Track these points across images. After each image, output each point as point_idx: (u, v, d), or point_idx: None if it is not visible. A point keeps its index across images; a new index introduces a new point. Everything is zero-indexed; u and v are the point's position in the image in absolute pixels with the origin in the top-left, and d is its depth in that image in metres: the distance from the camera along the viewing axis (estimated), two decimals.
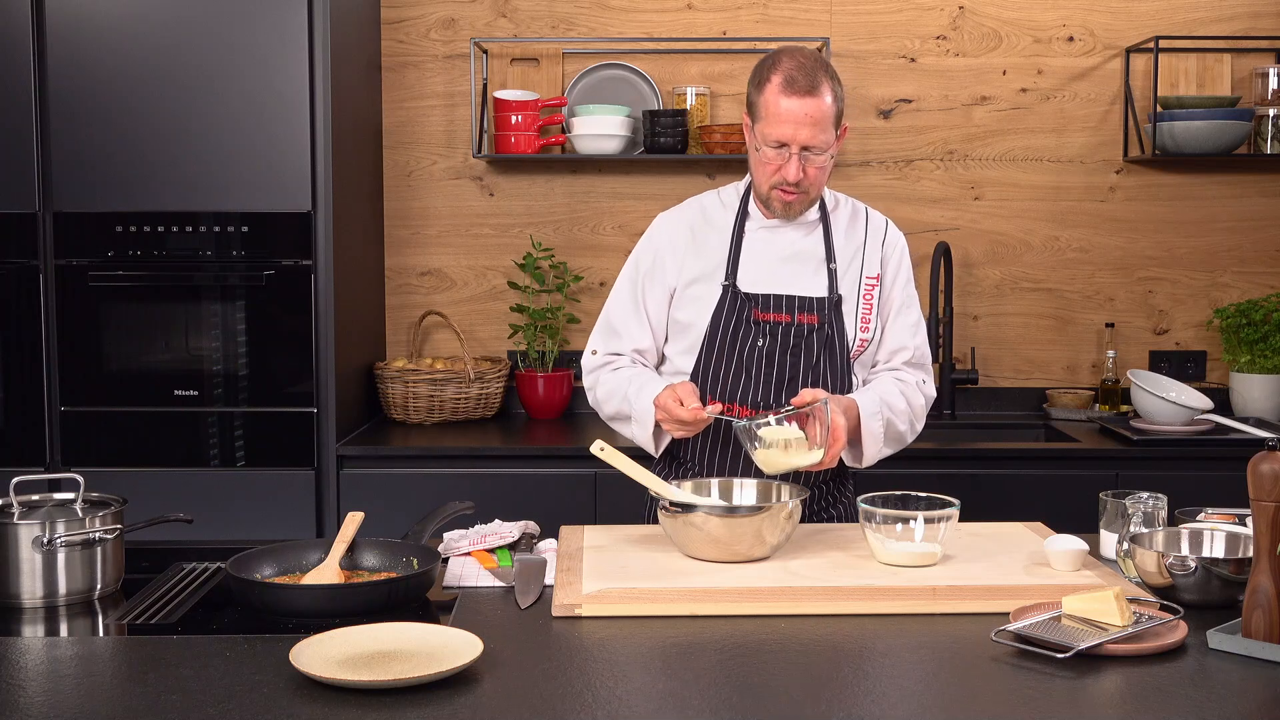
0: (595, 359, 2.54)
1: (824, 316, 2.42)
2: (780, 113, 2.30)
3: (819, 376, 2.42)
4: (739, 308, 2.42)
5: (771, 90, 2.31)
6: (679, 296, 2.47)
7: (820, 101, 2.29)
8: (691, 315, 2.45)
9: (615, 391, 2.46)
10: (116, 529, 1.99)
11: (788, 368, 2.41)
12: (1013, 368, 4.01)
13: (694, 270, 2.46)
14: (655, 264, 2.49)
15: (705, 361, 2.44)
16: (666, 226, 2.53)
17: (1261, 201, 3.97)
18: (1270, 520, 1.70)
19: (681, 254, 2.47)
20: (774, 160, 2.34)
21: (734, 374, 2.42)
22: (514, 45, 3.94)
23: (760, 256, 2.46)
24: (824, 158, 2.35)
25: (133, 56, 3.32)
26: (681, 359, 2.49)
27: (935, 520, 2.04)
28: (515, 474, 3.38)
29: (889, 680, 1.64)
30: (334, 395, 3.40)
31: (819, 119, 2.30)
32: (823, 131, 2.31)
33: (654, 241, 2.52)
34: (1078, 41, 3.93)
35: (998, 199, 3.98)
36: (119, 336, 3.39)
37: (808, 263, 2.46)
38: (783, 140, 2.31)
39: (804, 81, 2.29)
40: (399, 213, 3.99)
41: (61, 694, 1.58)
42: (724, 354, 2.42)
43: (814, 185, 2.37)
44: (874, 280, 2.48)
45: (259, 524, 3.33)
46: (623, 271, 2.55)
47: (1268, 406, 3.74)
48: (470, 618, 1.86)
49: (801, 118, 2.29)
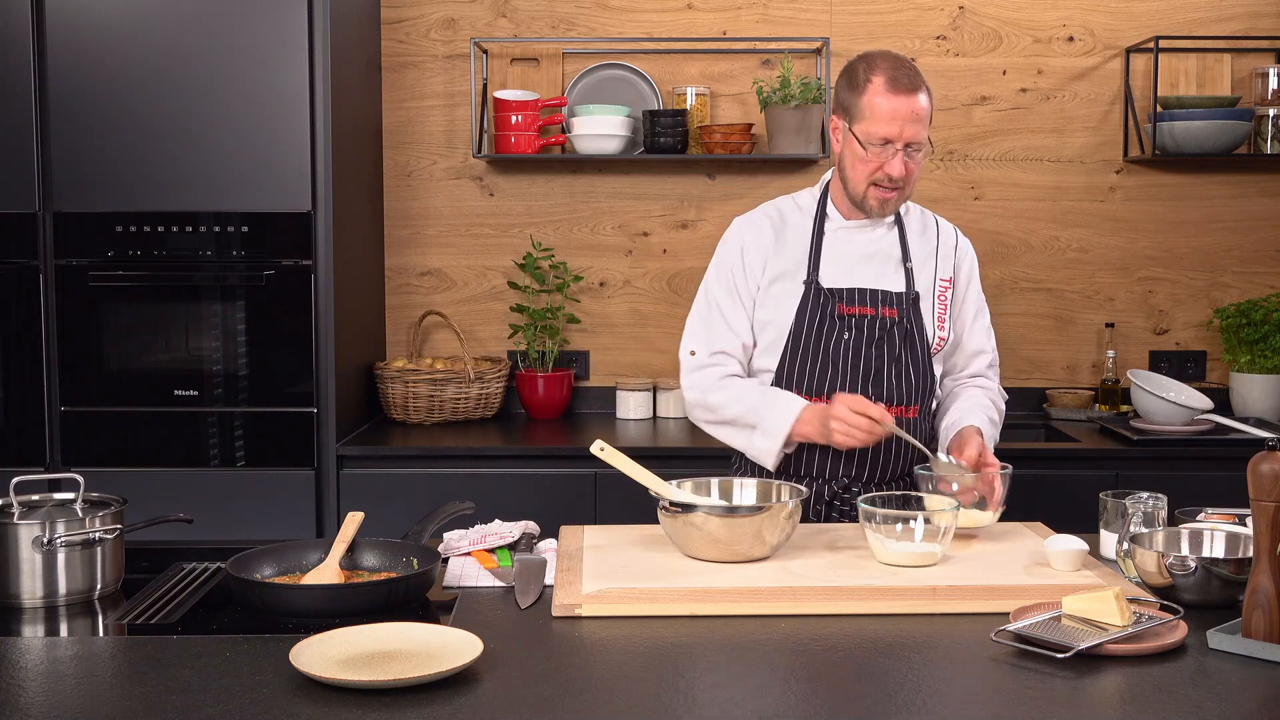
0: (696, 359, 2.55)
1: (903, 311, 2.49)
2: (886, 111, 2.38)
3: (902, 369, 2.48)
4: (822, 303, 2.48)
5: (875, 90, 2.39)
6: (762, 295, 2.52)
7: (923, 98, 2.40)
8: (774, 314, 2.51)
9: (739, 399, 2.48)
10: (116, 529, 1.99)
11: (873, 360, 2.47)
12: (1013, 368, 4.01)
13: (775, 269, 2.51)
14: (742, 263, 2.53)
15: (790, 358, 2.49)
16: (747, 227, 2.57)
17: (1261, 201, 3.97)
18: (1270, 520, 1.70)
19: (764, 253, 2.53)
20: (876, 158, 2.41)
21: (820, 369, 2.47)
22: (514, 45, 3.94)
23: (840, 254, 2.52)
24: (921, 155, 2.43)
25: (133, 56, 3.32)
26: (762, 358, 2.53)
27: (935, 520, 2.04)
28: (515, 474, 3.38)
29: (889, 680, 1.64)
30: (334, 395, 3.40)
31: (921, 115, 2.39)
32: (924, 128, 2.41)
33: (737, 242, 2.56)
34: (1078, 41, 3.93)
35: (998, 199, 3.98)
36: (119, 336, 3.39)
37: (886, 262, 2.53)
38: (888, 137, 2.39)
39: (907, 81, 2.39)
40: (399, 213, 3.99)
41: (61, 694, 1.58)
42: (809, 349, 2.48)
43: (911, 182, 2.45)
44: (947, 283, 2.56)
45: (259, 524, 3.33)
46: (708, 274, 2.59)
47: (1268, 406, 3.74)
48: (470, 618, 1.86)
49: (907, 114, 2.37)
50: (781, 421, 2.43)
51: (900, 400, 2.49)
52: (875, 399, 2.45)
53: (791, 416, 2.42)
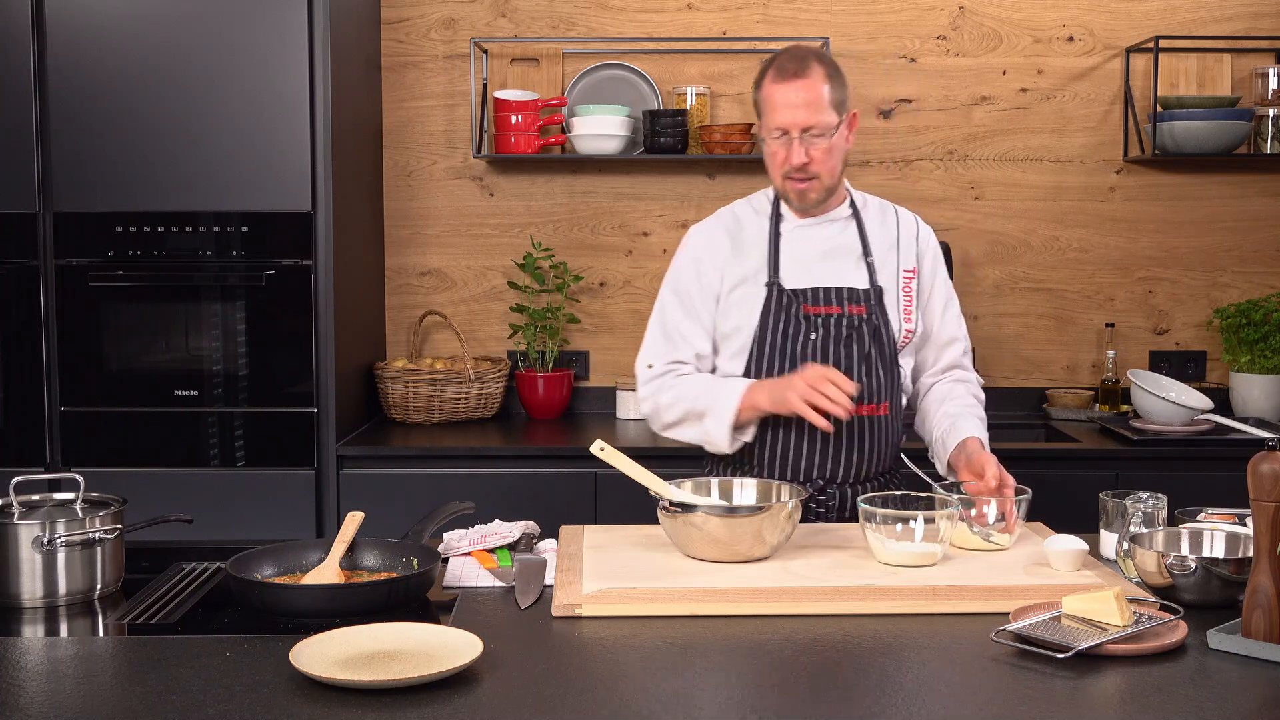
0: (653, 371, 2.53)
1: (870, 307, 2.46)
2: (776, 100, 2.37)
3: (871, 366, 2.45)
4: (786, 305, 2.45)
5: (767, 83, 2.40)
6: (723, 304, 2.49)
7: (810, 82, 2.35)
8: (738, 320, 2.48)
9: (686, 394, 2.45)
10: (116, 529, 1.99)
11: (841, 359, 2.44)
12: (1013, 368, 4.01)
13: (736, 275, 2.49)
14: (698, 273, 2.51)
15: (757, 362, 2.46)
16: (702, 236, 2.55)
17: (1261, 201, 3.97)
18: (1270, 520, 1.70)
19: (722, 261, 2.50)
20: (780, 150, 2.40)
21: (788, 370, 2.43)
22: (514, 45, 3.94)
23: (799, 254, 2.49)
24: (826, 140, 2.38)
25: (133, 56, 3.32)
26: (730, 364, 2.50)
27: (935, 520, 2.04)
28: (515, 474, 3.38)
29: (889, 680, 1.64)
30: (334, 395, 3.40)
31: (813, 99, 2.35)
32: (818, 113, 2.36)
33: (692, 252, 2.54)
34: (1078, 41, 3.93)
35: (998, 199, 3.98)
36: (119, 336, 3.39)
37: (846, 257, 2.50)
38: (782, 126, 2.37)
39: (793, 66, 2.37)
40: (399, 213, 3.99)
41: (61, 694, 1.58)
42: (776, 352, 2.45)
43: (823, 169, 2.40)
44: (910, 274, 2.53)
45: (259, 524, 3.33)
46: (664, 285, 2.56)
47: (1268, 406, 3.74)
48: (470, 618, 1.86)
49: (794, 100, 2.35)
50: (731, 398, 2.39)
51: (871, 398, 2.45)
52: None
53: (740, 389, 2.38)
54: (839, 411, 2.27)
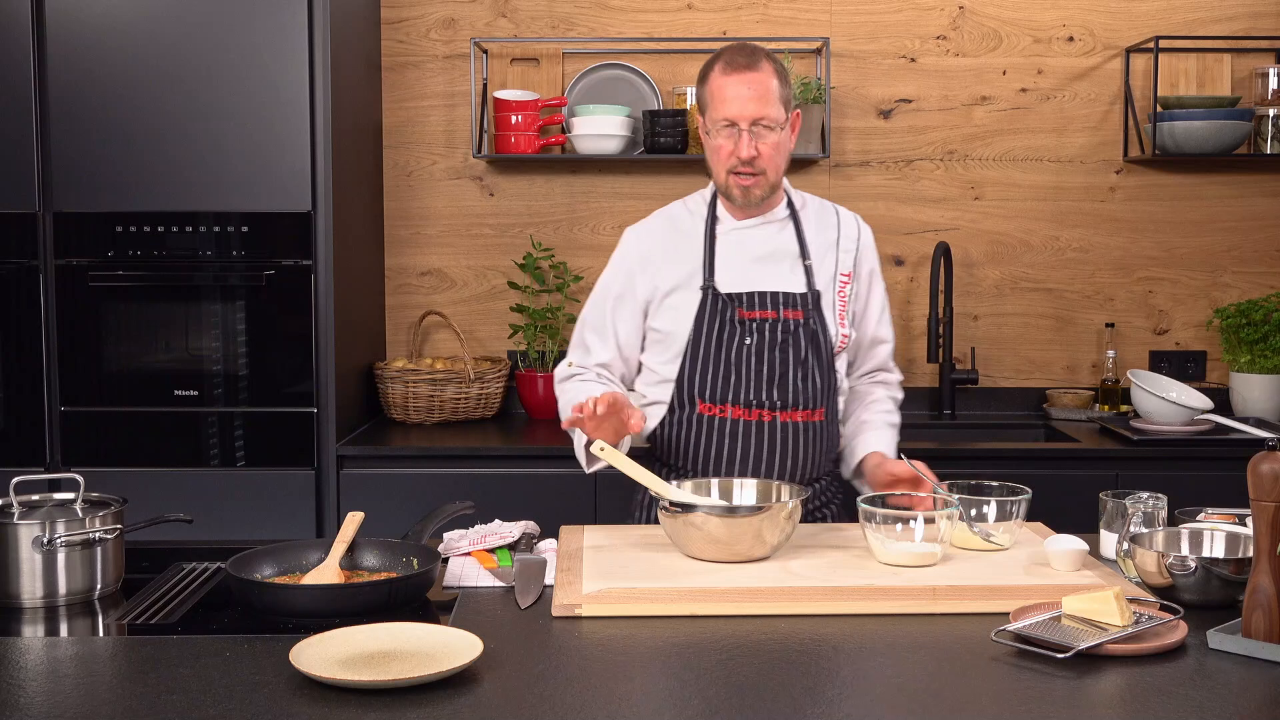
0: (571, 370, 2.52)
1: (807, 312, 2.43)
2: (725, 92, 2.35)
3: (807, 372, 2.42)
4: (721, 309, 2.41)
5: (714, 75, 2.38)
6: (657, 307, 2.46)
7: (761, 75, 2.34)
8: (672, 323, 2.45)
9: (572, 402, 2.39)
10: (116, 529, 1.99)
11: (776, 365, 2.41)
12: (1013, 368, 4.01)
13: (671, 279, 2.45)
14: (627, 280, 2.48)
15: (691, 367, 2.43)
16: (636, 240, 2.52)
17: (1261, 201, 3.97)
18: (1270, 520, 1.70)
19: (655, 265, 2.47)
20: (726, 143, 2.37)
21: (723, 375, 2.41)
22: (514, 45, 3.94)
23: (735, 257, 2.45)
24: (775, 135, 2.36)
25: (133, 56, 3.32)
26: (665, 368, 2.47)
27: (935, 520, 2.04)
28: (515, 474, 3.38)
29: (889, 680, 1.64)
30: (334, 395, 3.40)
31: (763, 93, 2.34)
32: (768, 106, 2.34)
33: (625, 257, 2.51)
34: (1078, 41, 3.93)
35: (998, 199, 3.98)
36: (119, 336, 3.39)
37: (783, 260, 2.47)
38: (731, 118, 2.35)
39: (743, 59, 2.35)
40: (399, 213, 3.99)
41: (61, 694, 1.58)
42: (710, 356, 2.42)
43: (770, 165, 2.38)
44: (847, 278, 2.51)
45: (259, 524, 3.33)
46: (597, 285, 2.54)
47: (1268, 406, 3.74)
48: (470, 618, 1.86)
49: (745, 92, 2.33)
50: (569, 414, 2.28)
51: (806, 404, 2.43)
52: (780, 404, 2.40)
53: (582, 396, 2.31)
54: (594, 429, 2.20)
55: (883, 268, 2.67)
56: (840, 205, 2.61)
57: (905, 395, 2.72)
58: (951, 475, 2.36)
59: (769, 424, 2.41)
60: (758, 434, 2.41)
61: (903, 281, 3.97)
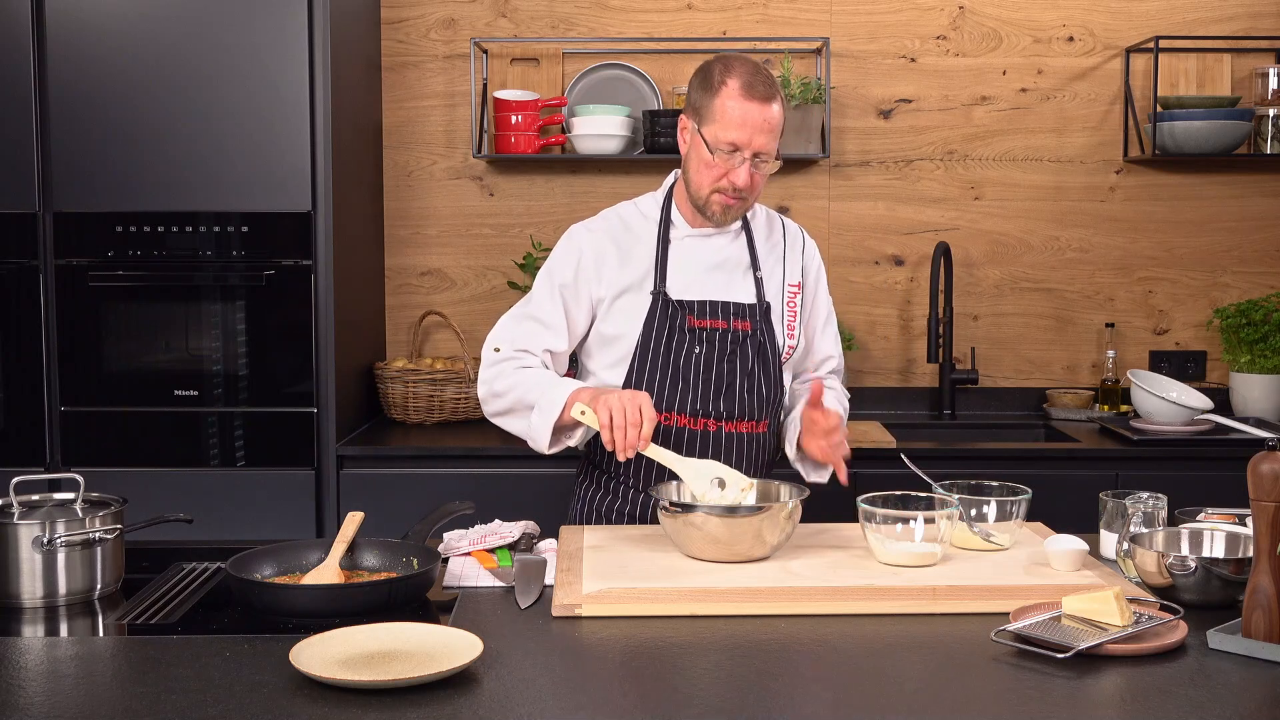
0: (499, 356, 2.42)
1: (756, 323, 2.42)
2: (738, 116, 2.28)
3: (754, 383, 2.41)
4: (671, 315, 2.39)
5: (729, 93, 2.29)
6: (606, 310, 2.42)
7: (777, 108, 2.31)
8: (620, 327, 2.41)
9: (522, 383, 2.35)
10: (116, 529, 1.99)
11: (724, 375, 2.39)
12: (1013, 368, 4.01)
13: (621, 282, 2.41)
14: (578, 275, 2.42)
15: (639, 372, 2.39)
16: (587, 238, 2.45)
17: (1261, 201, 3.97)
18: (1270, 520, 1.70)
19: (605, 266, 2.42)
20: (722, 165, 2.32)
21: (670, 382, 2.38)
22: (514, 45, 3.94)
23: (687, 264, 2.43)
24: (769, 167, 2.35)
25: (133, 56, 3.32)
26: (609, 373, 2.44)
27: (935, 520, 2.04)
28: (515, 474, 3.38)
29: (889, 680, 1.64)
30: (334, 395, 3.40)
31: (774, 126, 2.31)
32: (774, 139, 2.32)
33: (574, 253, 2.44)
34: (1078, 41, 3.93)
35: (998, 199, 3.98)
36: (119, 336, 3.39)
37: (734, 270, 2.45)
38: (736, 144, 2.30)
39: (763, 88, 2.29)
40: (399, 213, 3.99)
41: (61, 694, 1.58)
42: (658, 363, 2.39)
43: (755, 193, 2.37)
44: (795, 288, 2.49)
45: (259, 524, 3.33)
46: (540, 275, 2.46)
47: (1268, 406, 3.74)
48: (470, 618, 1.86)
49: (759, 123, 2.29)
50: (559, 394, 2.28)
51: (751, 415, 2.41)
52: (726, 414, 2.38)
53: (570, 388, 2.29)
54: (624, 438, 2.17)
55: (882, 267, 2.68)
56: (803, 212, 2.58)
57: (905, 395, 2.72)
58: (951, 475, 2.36)
59: (714, 434, 2.39)
60: (701, 443, 2.38)
61: (903, 281, 3.97)
